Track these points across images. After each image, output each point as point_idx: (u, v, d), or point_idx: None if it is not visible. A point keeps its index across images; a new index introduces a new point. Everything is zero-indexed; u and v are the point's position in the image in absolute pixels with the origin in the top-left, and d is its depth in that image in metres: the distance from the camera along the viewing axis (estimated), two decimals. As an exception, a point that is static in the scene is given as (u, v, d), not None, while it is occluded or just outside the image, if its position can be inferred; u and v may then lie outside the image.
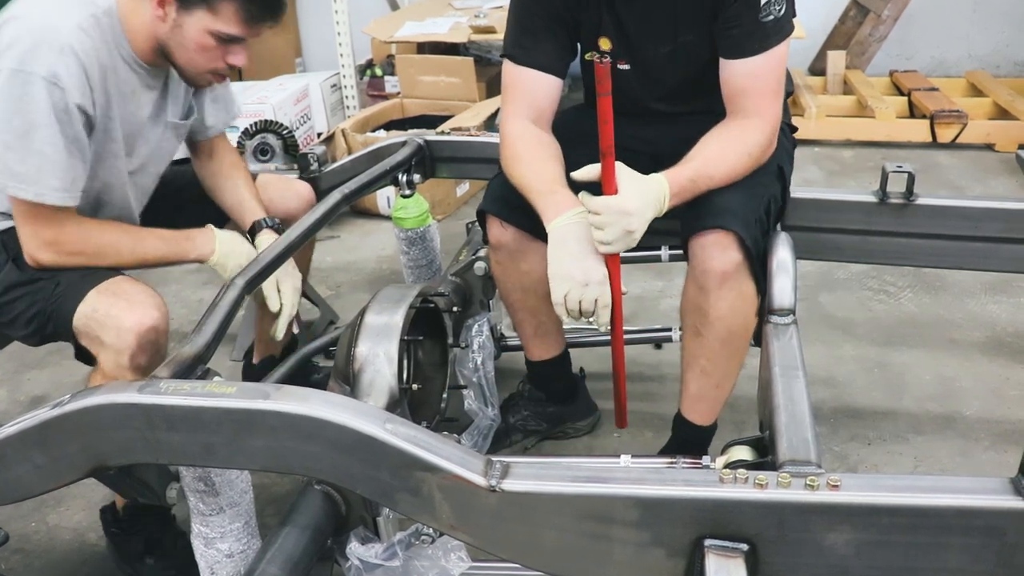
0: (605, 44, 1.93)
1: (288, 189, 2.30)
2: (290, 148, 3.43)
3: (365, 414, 1.32)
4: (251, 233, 2.09)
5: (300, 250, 1.98)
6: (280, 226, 2.10)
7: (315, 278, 3.32)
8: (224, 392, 1.35)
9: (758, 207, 1.85)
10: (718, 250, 1.76)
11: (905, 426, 2.41)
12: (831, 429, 2.40)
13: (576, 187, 1.76)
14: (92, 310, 1.73)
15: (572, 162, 1.81)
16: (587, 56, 1.62)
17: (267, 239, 2.02)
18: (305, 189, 2.35)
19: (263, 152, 3.29)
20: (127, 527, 1.95)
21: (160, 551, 1.95)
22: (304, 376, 2.48)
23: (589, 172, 1.71)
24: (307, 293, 2.89)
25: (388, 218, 2.64)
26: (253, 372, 2.47)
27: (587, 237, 1.72)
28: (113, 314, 1.71)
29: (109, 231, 1.85)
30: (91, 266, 1.80)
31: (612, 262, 1.74)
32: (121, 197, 1.96)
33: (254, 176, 2.25)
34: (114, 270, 1.82)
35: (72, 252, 1.78)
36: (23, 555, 2.11)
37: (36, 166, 1.69)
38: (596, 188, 1.70)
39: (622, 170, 1.68)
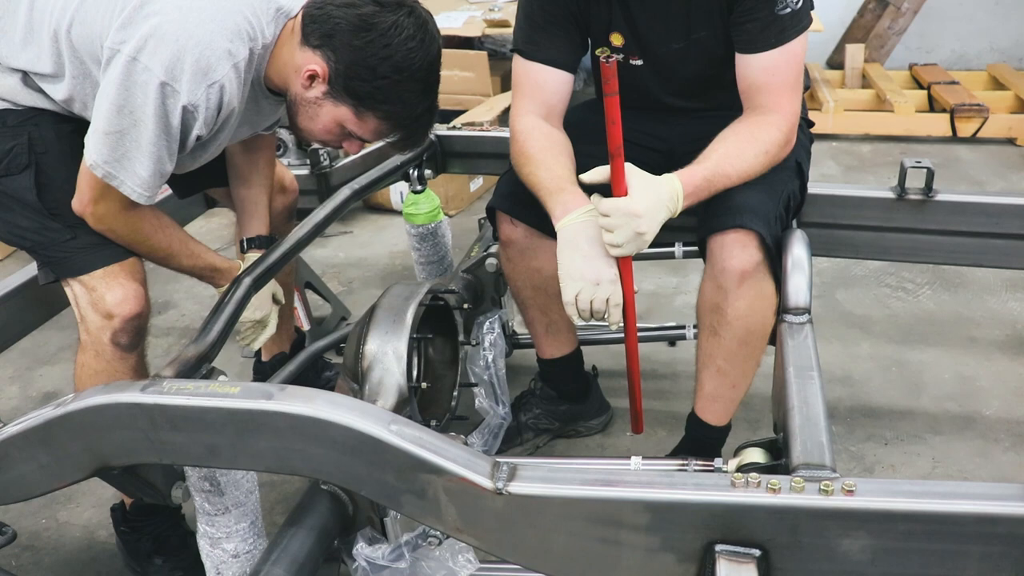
0: (617, 40, 1.90)
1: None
2: (302, 143, 3.41)
3: (370, 415, 1.30)
4: (243, 246, 2.08)
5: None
6: (269, 241, 2.08)
7: (327, 274, 3.32)
8: (228, 392, 1.33)
9: (777, 205, 1.81)
10: (738, 248, 1.73)
11: (923, 426, 2.37)
12: (847, 429, 2.37)
13: (589, 188, 1.74)
14: (90, 288, 1.73)
15: (584, 158, 1.79)
16: (597, 52, 1.59)
17: (252, 259, 2.00)
18: (290, 183, 2.32)
19: (276, 148, 3.28)
20: (136, 526, 1.95)
21: (168, 550, 1.94)
22: (316, 373, 2.47)
23: (598, 174, 1.69)
24: (318, 289, 2.88)
25: (401, 213, 2.62)
26: (263, 369, 2.45)
27: (597, 236, 1.69)
28: (107, 299, 1.72)
29: (155, 235, 1.79)
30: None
31: (624, 262, 1.72)
32: None
33: None
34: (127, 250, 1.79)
35: (111, 231, 1.73)
36: (33, 552, 2.11)
37: (126, 155, 1.61)
38: (608, 189, 1.68)
39: (632, 171, 1.65)
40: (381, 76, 1.65)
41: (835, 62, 5.27)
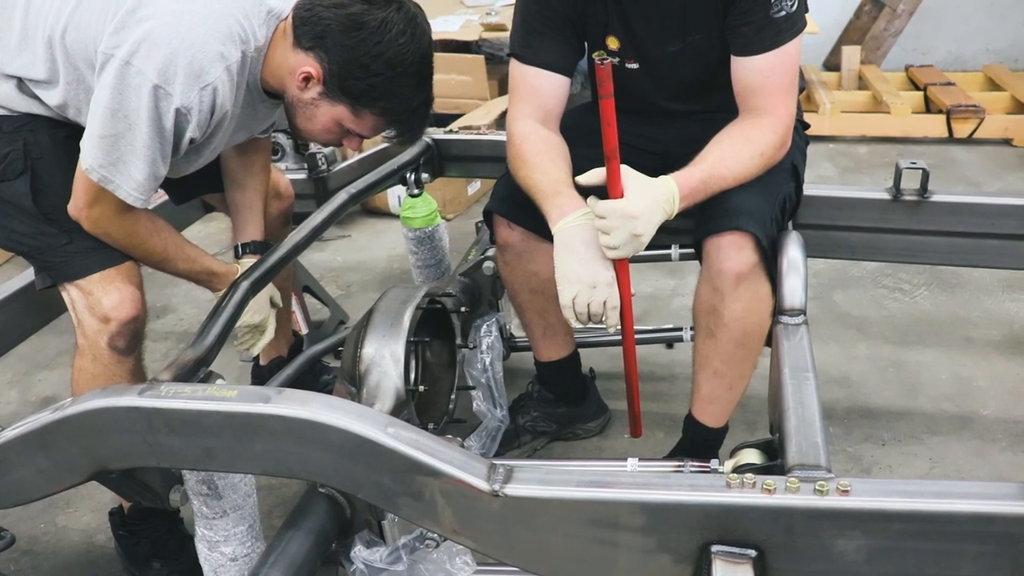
0: (613, 43, 1.91)
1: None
2: (300, 147, 3.42)
3: (366, 418, 1.30)
4: (238, 251, 2.08)
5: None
6: (263, 246, 2.08)
7: (325, 278, 3.32)
8: (225, 396, 1.33)
9: (773, 206, 1.82)
10: (734, 251, 1.73)
11: (920, 427, 2.37)
12: (845, 429, 2.37)
13: (585, 190, 1.74)
14: (87, 292, 1.73)
15: (581, 161, 1.79)
16: (593, 55, 1.60)
17: (247, 264, 2.01)
18: (285, 189, 2.32)
19: (273, 152, 3.28)
20: (134, 530, 1.95)
21: (166, 554, 1.94)
22: (314, 376, 2.47)
23: (594, 176, 1.69)
24: (316, 293, 2.88)
25: (399, 217, 2.63)
26: (261, 373, 2.46)
27: (593, 239, 1.69)
28: (104, 303, 1.72)
29: (151, 238, 1.79)
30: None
31: (620, 264, 1.72)
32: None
33: None
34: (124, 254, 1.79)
35: (107, 235, 1.73)
36: (32, 556, 2.11)
37: (121, 158, 1.61)
38: (604, 191, 1.68)
39: (628, 173, 1.66)
40: (375, 74, 1.65)
41: (831, 64, 5.29)
